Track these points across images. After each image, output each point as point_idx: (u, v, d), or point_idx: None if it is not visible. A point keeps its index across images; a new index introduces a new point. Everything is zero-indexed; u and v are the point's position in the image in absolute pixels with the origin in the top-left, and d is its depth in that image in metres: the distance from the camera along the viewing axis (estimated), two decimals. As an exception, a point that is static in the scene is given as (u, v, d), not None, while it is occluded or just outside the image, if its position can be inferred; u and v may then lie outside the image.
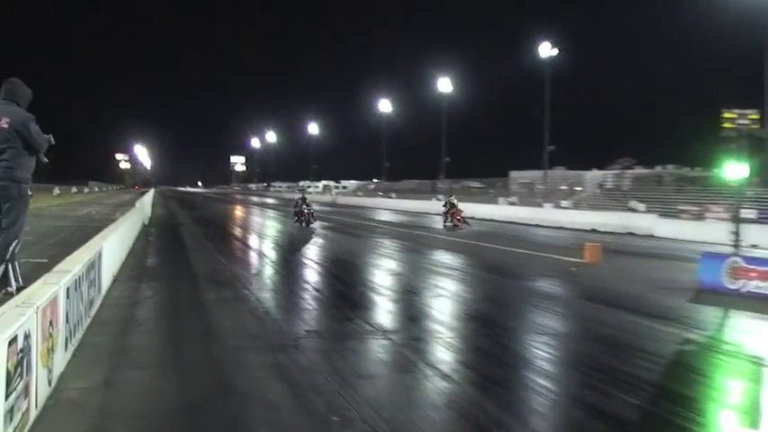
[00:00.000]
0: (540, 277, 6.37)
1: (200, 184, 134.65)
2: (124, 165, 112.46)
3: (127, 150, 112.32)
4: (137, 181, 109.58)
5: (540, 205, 18.27)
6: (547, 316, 4.40)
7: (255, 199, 42.45)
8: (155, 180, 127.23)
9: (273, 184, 76.83)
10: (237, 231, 12.94)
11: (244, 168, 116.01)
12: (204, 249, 8.61)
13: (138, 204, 12.48)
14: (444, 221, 13.60)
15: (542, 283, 6.03)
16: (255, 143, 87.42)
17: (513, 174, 28.30)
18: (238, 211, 21.88)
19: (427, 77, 31.20)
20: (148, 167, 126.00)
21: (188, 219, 16.08)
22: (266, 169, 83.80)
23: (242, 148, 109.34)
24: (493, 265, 7.35)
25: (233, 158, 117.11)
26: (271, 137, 77.24)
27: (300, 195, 13.43)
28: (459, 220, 13.37)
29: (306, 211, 12.84)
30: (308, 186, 57.07)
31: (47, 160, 3.35)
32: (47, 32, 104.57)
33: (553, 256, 8.19)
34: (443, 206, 14.14)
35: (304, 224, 12.56)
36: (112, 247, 5.38)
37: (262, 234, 12.26)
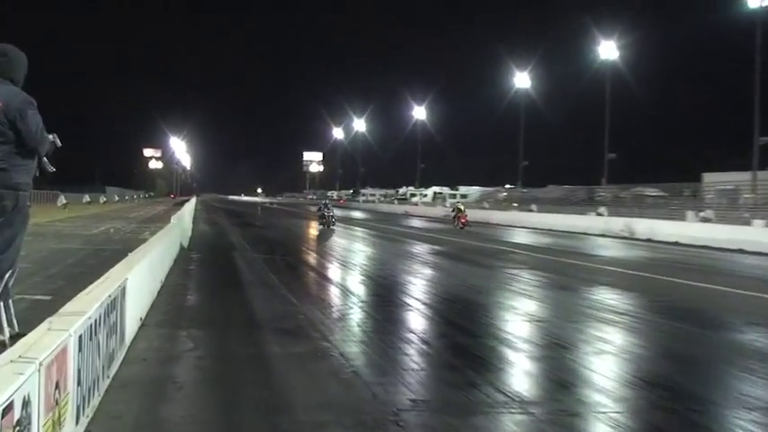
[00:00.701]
0: (747, 326, 6.47)
1: (259, 191, 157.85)
2: (155, 164, 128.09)
3: (159, 144, 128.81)
4: (172, 186, 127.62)
5: (747, 222, 18.38)
6: (759, 384, 4.41)
7: (338, 212, 44.28)
8: (197, 185, 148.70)
9: (363, 190, 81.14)
10: (313, 258, 13.46)
11: (320, 169, 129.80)
12: (266, 283, 8.96)
13: (174, 219, 13.20)
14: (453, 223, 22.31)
15: (752, 335, 6.09)
16: (338, 134, 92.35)
17: (709, 177, 28.13)
18: (313, 230, 23.04)
19: (582, 41, 32.34)
20: (188, 167, 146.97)
21: (243, 239, 17.16)
22: (353, 170, 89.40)
23: (319, 142, 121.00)
24: (676, 308, 7.52)
25: (306, 156, 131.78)
26: (360, 126, 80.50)
27: (324, 201, 22.72)
28: (464, 224, 22.02)
29: (327, 214, 22.06)
30: (413, 194, 60.91)
31: (53, 169, 3.43)
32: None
33: (766, 296, 8.49)
34: (452, 211, 21.04)
35: (326, 226, 20.97)
36: (140, 279, 5.66)
37: (347, 262, 12.60)
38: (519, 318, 6.80)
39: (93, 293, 3.81)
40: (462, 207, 25.95)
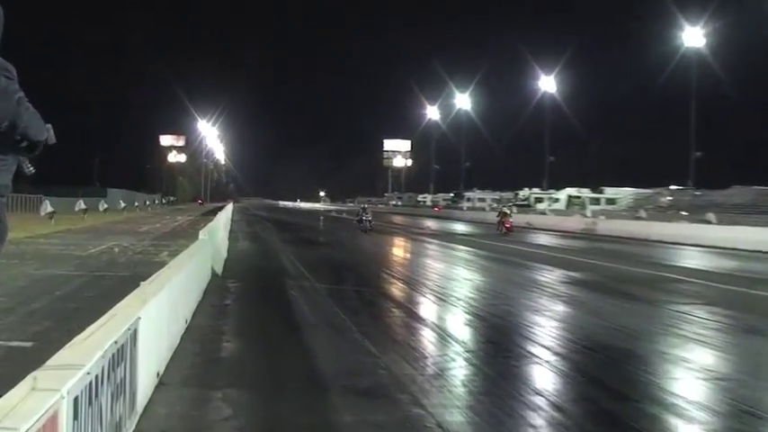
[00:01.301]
0: None
1: (322, 194, 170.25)
2: (176, 157, 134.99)
3: (182, 130, 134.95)
4: (201, 188, 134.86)
5: None
6: None
7: (433, 224, 47.10)
8: (234, 187, 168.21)
9: (468, 193, 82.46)
10: (398, 289, 13.51)
11: (408, 163, 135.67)
12: (334, 325, 9.10)
13: (203, 235, 13.59)
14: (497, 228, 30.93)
15: None
16: (432, 114, 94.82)
17: None
18: (399, 249, 24.22)
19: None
20: (222, 162, 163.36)
21: (299, 263, 17.54)
22: (453, 165, 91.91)
23: (405, 127, 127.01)
24: None
25: (388, 145, 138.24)
26: (463, 103, 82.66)
27: (363, 206, 30.89)
28: (508, 228, 29.77)
29: (365, 218, 31.67)
30: (538, 199, 61.70)
31: (33, 170, 3.56)
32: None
33: None
34: (496, 215, 29.58)
35: (362, 230, 28.61)
36: (157, 319, 5.80)
37: (446, 294, 12.55)
38: (691, 374, 6.87)
39: (92, 339, 3.86)
40: (508, 211, 34.37)
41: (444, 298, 12.00)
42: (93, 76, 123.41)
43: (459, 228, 41.93)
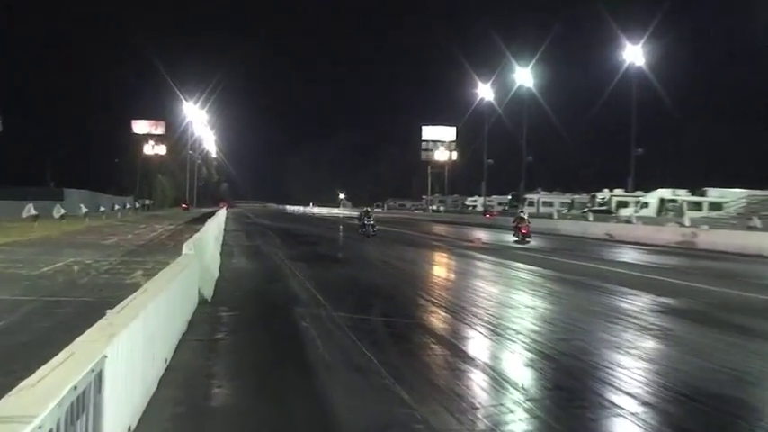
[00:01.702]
0: None
1: (342, 197, 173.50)
2: (156, 147, 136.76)
3: (162, 114, 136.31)
4: (185, 189, 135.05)
5: None
6: None
7: (483, 235, 47.25)
8: (228, 187, 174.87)
9: (530, 196, 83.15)
10: (439, 318, 13.54)
11: (452, 156, 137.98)
12: (357, 366, 9.19)
13: (188, 249, 13.84)
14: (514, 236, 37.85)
15: None
16: (484, 94, 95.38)
17: None
18: (441, 269, 24.36)
19: None
20: (213, 155, 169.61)
21: (312, 285, 17.74)
22: (512, 159, 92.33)
23: (448, 112, 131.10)
24: None
25: (427, 133, 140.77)
26: (524, 79, 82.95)
27: (365, 209, 40.17)
28: (525, 234, 35.72)
29: (367, 223, 39.87)
30: (622, 203, 62.00)
31: None
32: None
33: None
34: (513, 222, 36.38)
35: (365, 235, 35.71)
36: (128, 359, 5.85)
37: (501, 326, 12.53)
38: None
39: (44, 383, 3.88)
40: (526, 216, 40.31)
41: (499, 331, 11.97)
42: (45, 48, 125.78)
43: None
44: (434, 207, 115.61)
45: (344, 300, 15.03)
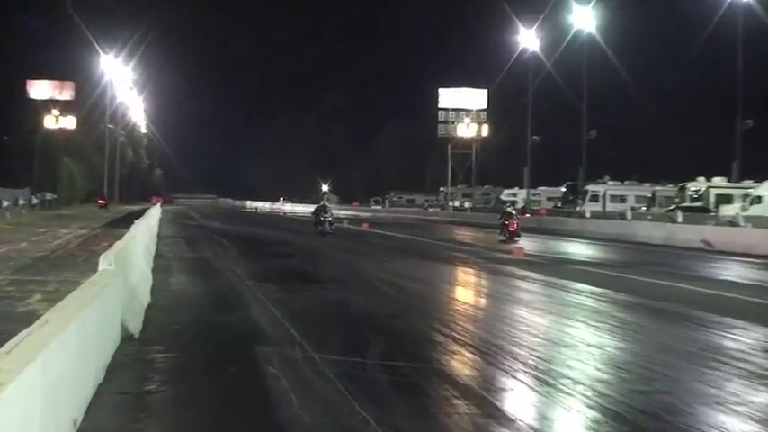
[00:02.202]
0: None
1: (325, 189, 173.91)
2: (62, 120, 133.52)
3: (70, 73, 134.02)
4: (104, 180, 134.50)
5: None
6: None
7: (526, 244, 47.82)
8: (163, 177, 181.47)
9: (593, 187, 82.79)
10: (463, 362, 13.58)
11: (482, 132, 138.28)
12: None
13: (106, 263, 13.66)
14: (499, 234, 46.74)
15: None
16: (527, 43, 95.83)
17: None
18: (465, 288, 25.13)
19: None
20: (143, 131, 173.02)
21: (282, 314, 17.82)
22: (566, 137, 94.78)
23: (476, 68, 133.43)
24: None
25: (445, 98, 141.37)
26: (583, 21, 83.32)
27: (322, 203, 49.82)
28: (513, 232, 45.16)
29: (323, 219, 47.57)
30: (723, 197, 61.17)
31: None
32: None
33: None
34: (499, 217, 45.17)
35: (320, 234, 45.00)
36: (21, 421, 5.82)
37: (551, 371, 12.53)
38: None
39: None
40: (513, 211, 48.18)
41: (550, 380, 12.00)
42: None
43: (578, 249, 42.21)
44: (456, 203, 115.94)
45: (330, 335, 15.10)
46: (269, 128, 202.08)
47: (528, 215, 75.79)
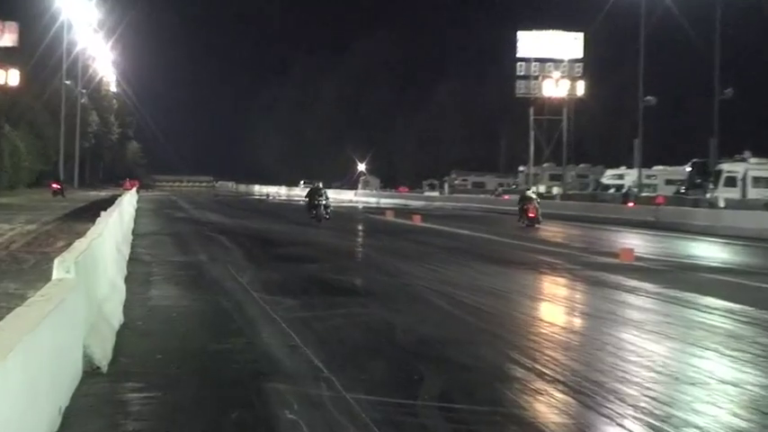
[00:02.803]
0: None
1: (362, 168, 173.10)
2: (1, 74, 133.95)
3: (15, 11, 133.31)
4: (57, 153, 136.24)
5: None
6: None
7: (637, 241, 50.56)
8: (142, 154, 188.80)
9: (730, 165, 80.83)
10: (551, 407, 13.46)
11: (576, 90, 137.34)
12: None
13: (63, 272, 13.65)
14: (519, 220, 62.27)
15: None
16: None
17: None
18: (551, 303, 25.55)
19: None
20: (113, 90, 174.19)
21: (303, 338, 17.83)
22: (691, 98, 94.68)
23: (565, 5, 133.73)
24: None
25: (525, 46, 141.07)
26: None
27: (317, 185, 60.90)
28: (532, 218, 59.83)
29: (318, 202, 57.20)
30: None
31: None
32: None
33: None
34: (518, 202, 62.15)
35: (315, 219, 56.11)
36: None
37: (674, 423, 12.40)
38: None
39: None
40: (534, 195, 58.78)
41: (670, 430, 11.96)
42: None
43: (708, 251, 42.16)
44: (542, 188, 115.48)
45: (368, 369, 15.17)
46: (283, 88, 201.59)
47: (631, 204, 75.53)
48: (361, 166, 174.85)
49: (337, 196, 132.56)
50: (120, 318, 18.13)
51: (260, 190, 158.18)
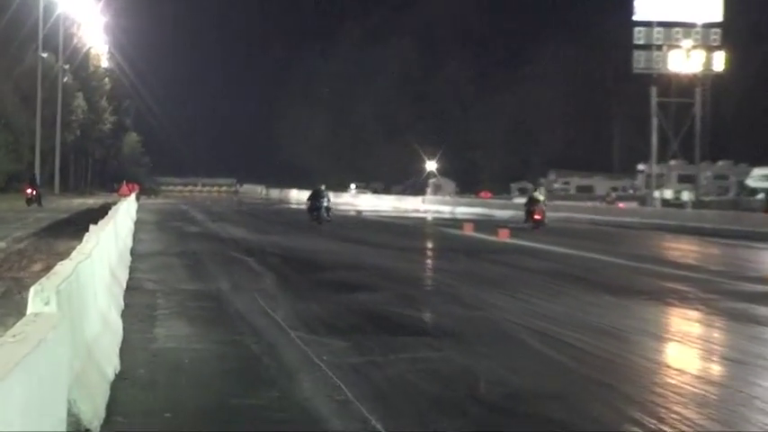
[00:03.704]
0: None
1: (432, 169, 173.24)
2: None
3: None
4: (32, 147, 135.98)
5: None
6: None
7: None
8: (142, 149, 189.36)
9: None
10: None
11: (711, 63, 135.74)
12: None
13: (41, 305, 13.57)
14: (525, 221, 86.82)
15: None
16: None
17: None
18: (689, 347, 25.43)
19: None
20: (103, 65, 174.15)
21: (361, 392, 17.76)
22: None
23: None
24: None
25: (646, 5, 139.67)
26: None
27: (320, 186, 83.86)
28: (538, 220, 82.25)
29: (319, 205, 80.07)
30: None
31: None
32: None
33: None
34: (524, 204, 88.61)
35: (317, 221, 79.00)
36: None
37: None
38: None
39: None
40: (542, 197, 78.69)
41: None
42: None
43: None
44: (668, 193, 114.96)
45: (443, 432, 15.14)
46: (326, 63, 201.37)
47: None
48: (431, 165, 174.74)
49: (399, 204, 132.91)
50: (116, 364, 18.17)
51: (298, 196, 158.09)
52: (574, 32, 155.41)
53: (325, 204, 62.25)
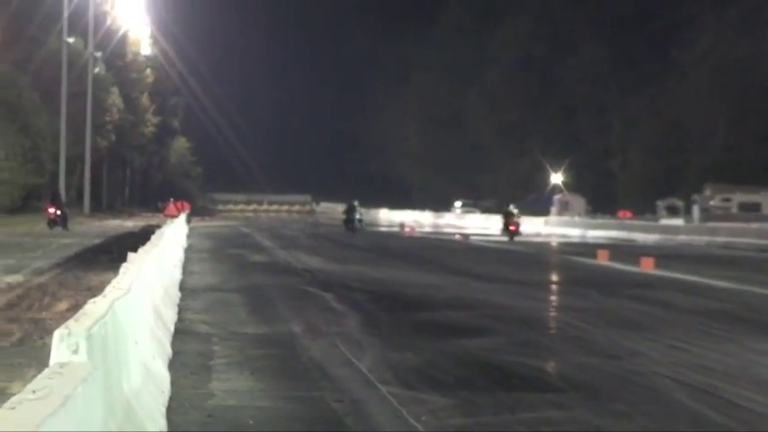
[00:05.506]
0: None
1: (556, 180, 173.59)
2: None
3: None
4: (54, 158, 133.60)
5: None
6: None
7: None
8: (192, 164, 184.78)
9: None
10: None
11: None
12: None
13: (64, 349, 13.50)
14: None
15: None
16: None
17: None
18: None
19: None
20: (144, 53, 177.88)
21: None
22: None
23: None
24: None
25: None
26: None
27: (353, 203, 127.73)
28: (513, 231, 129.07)
29: (352, 218, 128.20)
30: None
31: None
32: None
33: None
34: (501, 217, 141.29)
35: (351, 231, 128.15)
36: None
37: None
38: None
39: None
40: (515, 210, 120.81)
41: None
42: None
43: None
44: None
45: None
46: (427, 52, 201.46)
47: None
48: (556, 178, 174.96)
49: (536, 228, 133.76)
50: (163, 426, 18.16)
51: (389, 217, 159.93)
52: (744, 7, 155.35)
53: (357, 217, 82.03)
